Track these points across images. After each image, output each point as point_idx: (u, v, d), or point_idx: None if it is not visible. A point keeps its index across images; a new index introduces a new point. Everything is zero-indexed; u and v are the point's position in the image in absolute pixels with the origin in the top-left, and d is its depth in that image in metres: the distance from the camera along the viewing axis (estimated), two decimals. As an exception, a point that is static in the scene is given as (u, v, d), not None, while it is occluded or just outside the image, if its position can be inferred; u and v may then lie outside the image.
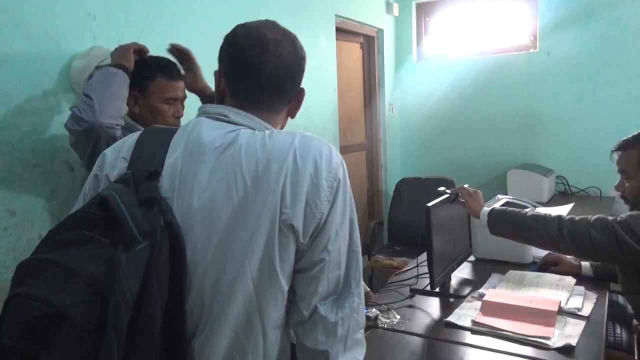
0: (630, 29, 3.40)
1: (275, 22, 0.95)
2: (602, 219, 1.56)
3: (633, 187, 1.64)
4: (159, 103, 1.59)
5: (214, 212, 0.82)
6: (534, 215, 1.66)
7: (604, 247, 1.51)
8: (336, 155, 0.88)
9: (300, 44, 0.95)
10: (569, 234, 1.56)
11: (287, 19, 2.90)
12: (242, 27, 0.92)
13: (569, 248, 1.58)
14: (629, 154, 1.64)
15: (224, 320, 0.82)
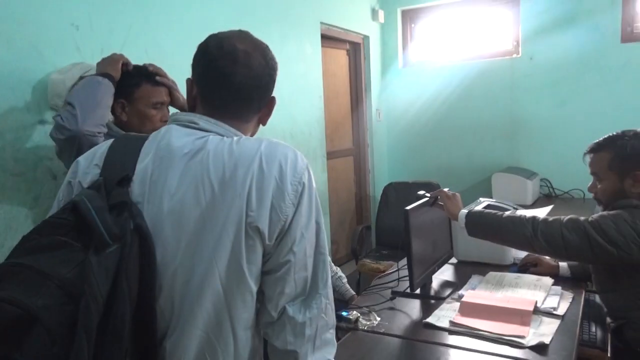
0: (609, 34, 3.48)
1: (247, 33, 0.98)
2: (574, 220, 1.59)
3: (604, 189, 1.67)
4: (146, 108, 1.63)
5: (182, 216, 0.85)
6: (509, 216, 1.70)
7: (576, 247, 1.54)
8: (301, 160, 0.91)
9: (271, 54, 0.98)
10: (543, 235, 1.59)
11: (272, 26, 2.96)
12: (215, 38, 0.95)
13: (543, 248, 1.61)
14: (600, 157, 1.67)
15: (194, 321, 0.85)
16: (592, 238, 1.52)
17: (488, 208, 2.38)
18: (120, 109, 1.63)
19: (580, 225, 1.55)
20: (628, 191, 1.60)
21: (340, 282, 2.38)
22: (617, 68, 3.47)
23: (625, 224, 1.50)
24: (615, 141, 1.63)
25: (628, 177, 1.60)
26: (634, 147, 1.59)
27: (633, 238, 1.48)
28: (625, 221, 1.50)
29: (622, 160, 1.60)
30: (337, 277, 2.38)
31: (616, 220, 1.52)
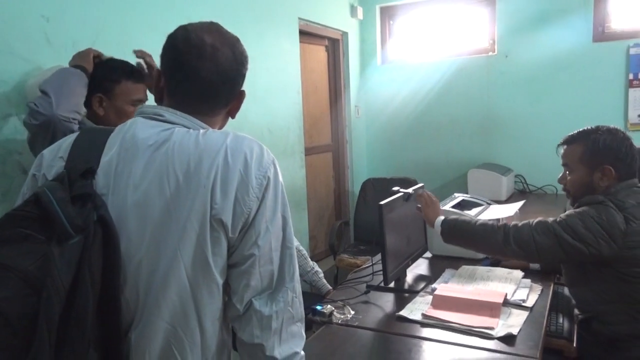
0: (581, 34, 3.55)
1: (217, 25, 0.97)
2: (543, 223, 1.61)
3: (574, 181, 1.70)
4: (125, 105, 1.62)
5: (147, 207, 0.85)
6: (482, 224, 1.72)
7: (547, 249, 1.57)
8: (267, 155, 0.91)
9: (241, 48, 0.97)
10: (515, 241, 1.61)
11: (250, 21, 2.94)
12: (182, 30, 0.94)
13: (515, 253, 1.64)
14: (572, 149, 1.70)
15: (159, 312, 0.85)
16: (562, 238, 1.54)
17: (462, 203, 2.43)
18: (97, 104, 1.61)
19: (550, 227, 1.58)
20: (596, 184, 1.63)
21: (317, 277, 2.40)
22: (589, 67, 3.55)
23: (592, 220, 1.53)
24: (589, 135, 1.66)
25: (597, 170, 1.63)
26: (605, 142, 1.62)
27: (600, 234, 1.50)
28: (591, 218, 1.53)
29: (593, 153, 1.63)
30: (314, 272, 2.40)
31: (583, 218, 1.54)
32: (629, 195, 1.58)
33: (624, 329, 1.53)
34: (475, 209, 2.34)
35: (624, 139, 1.64)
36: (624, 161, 1.62)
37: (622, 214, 1.52)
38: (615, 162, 1.61)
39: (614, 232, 1.50)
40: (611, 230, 1.50)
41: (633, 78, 3.44)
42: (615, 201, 1.56)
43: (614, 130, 1.66)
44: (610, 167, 1.61)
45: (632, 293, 1.52)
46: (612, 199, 1.57)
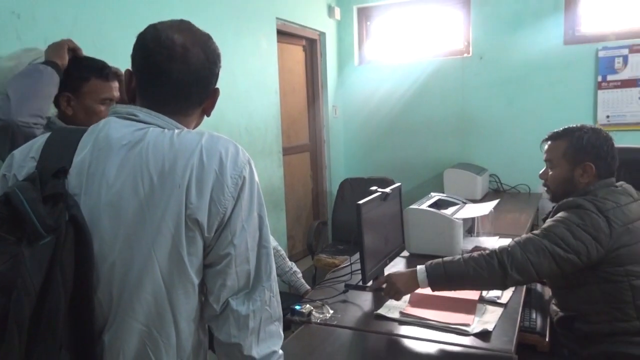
0: (553, 37, 3.65)
1: (188, 23, 0.95)
2: (532, 241, 1.53)
3: (555, 176, 1.72)
4: (94, 104, 1.57)
5: (120, 207, 0.84)
6: (471, 260, 1.54)
7: (545, 268, 1.51)
8: (243, 154, 0.91)
9: (212, 47, 0.95)
10: (515, 270, 1.49)
11: (227, 21, 2.92)
12: (152, 29, 0.92)
13: (515, 281, 1.53)
14: (556, 144, 1.72)
15: (134, 313, 0.84)
16: (555, 253, 1.49)
17: (439, 202, 2.46)
18: (65, 103, 1.55)
19: (540, 245, 1.51)
20: (576, 180, 1.66)
21: (296, 277, 2.40)
22: (560, 69, 3.65)
23: (579, 229, 1.50)
24: (573, 132, 1.69)
25: (579, 167, 1.66)
26: (589, 140, 1.65)
27: (589, 241, 1.50)
28: (577, 226, 1.51)
29: (576, 150, 1.66)
30: (292, 272, 2.40)
31: (569, 227, 1.52)
32: (608, 194, 1.60)
33: (605, 327, 1.55)
34: (451, 208, 2.37)
35: (606, 138, 1.68)
36: (605, 160, 1.65)
37: (604, 216, 1.53)
38: (596, 160, 1.64)
39: (600, 237, 1.51)
40: (598, 236, 1.51)
41: (602, 80, 3.54)
42: (596, 202, 1.56)
43: (598, 129, 1.70)
44: (592, 165, 1.64)
45: (614, 293, 1.54)
46: (593, 199, 1.57)
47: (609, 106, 3.54)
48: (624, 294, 1.53)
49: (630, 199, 1.62)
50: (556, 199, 1.74)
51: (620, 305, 1.54)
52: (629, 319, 1.54)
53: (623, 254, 1.52)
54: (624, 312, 1.54)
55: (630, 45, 3.45)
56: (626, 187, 1.67)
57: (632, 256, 1.53)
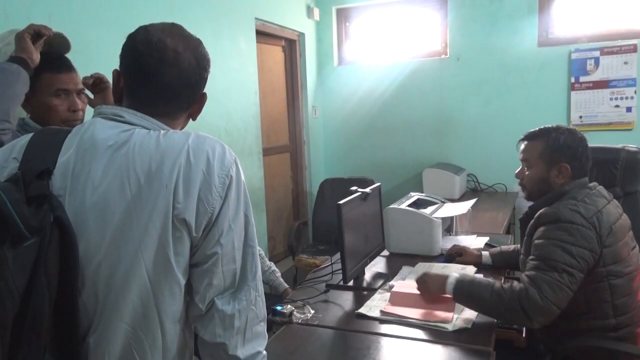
0: (527, 39, 3.73)
1: (179, 28, 0.95)
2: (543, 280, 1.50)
3: (531, 176, 1.73)
4: (47, 98, 1.47)
5: (107, 209, 0.83)
6: (495, 294, 1.53)
7: (564, 300, 1.49)
8: (229, 154, 0.91)
9: (203, 52, 0.96)
10: (537, 315, 1.49)
11: (205, 20, 2.90)
12: (144, 31, 0.92)
13: (543, 323, 1.52)
14: (533, 145, 1.73)
15: (119, 314, 0.84)
16: (568, 282, 1.50)
17: (418, 202, 2.49)
18: (25, 102, 1.46)
19: (554, 281, 1.49)
20: (552, 181, 1.68)
21: (274, 276, 2.40)
22: (535, 70, 3.73)
23: (574, 247, 1.51)
24: (550, 132, 1.71)
25: (555, 167, 1.67)
26: (566, 141, 1.67)
27: (588, 255, 1.51)
28: (572, 245, 1.51)
29: (553, 151, 1.68)
30: (270, 271, 2.40)
31: (566, 249, 1.51)
32: (586, 197, 1.61)
33: (582, 324, 1.59)
34: (430, 207, 2.40)
35: (582, 139, 1.70)
36: (580, 161, 1.68)
37: (590, 224, 1.53)
38: (572, 161, 1.66)
39: (594, 247, 1.52)
40: (592, 247, 1.52)
41: (574, 81, 3.63)
42: (579, 210, 1.55)
43: (573, 130, 1.72)
44: (567, 165, 1.66)
45: (594, 292, 1.56)
46: (574, 206, 1.56)
47: (581, 107, 3.64)
48: (604, 293, 1.56)
49: (605, 200, 1.65)
50: (532, 198, 1.76)
51: (600, 304, 1.57)
52: (606, 317, 1.57)
53: (606, 255, 1.55)
54: (602, 310, 1.57)
55: (602, 48, 3.54)
56: (600, 189, 1.70)
57: (613, 256, 1.56)
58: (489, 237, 2.45)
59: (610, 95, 3.55)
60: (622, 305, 1.57)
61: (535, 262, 1.55)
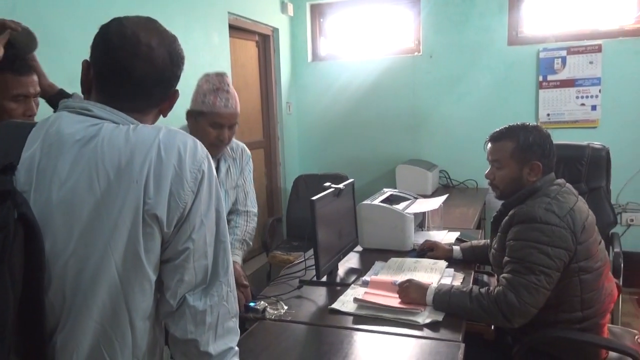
0: (498, 37, 3.80)
1: (155, 23, 0.94)
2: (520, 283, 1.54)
3: (504, 176, 1.74)
4: (4, 101, 1.41)
5: (74, 205, 0.82)
6: (475, 300, 1.58)
7: (541, 301, 1.55)
8: (201, 149, 0.90)
9: (178, 49, 0.94)
10: (516, 317, 1.54)
11: (177, 14, 2.86)
12: (118, 24, 0.90)
13: (521, 323, 1.57)
14: (502, 145, 1.73)
15: (88, 312, 0.82)
16: (545, 282, 1.54)
17: (391, 198, 2.51)
18: None
19: (531, 284, 1.53)
20: (525, 179, 1.70)
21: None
22: (505, 68, 3.81)
23: (550, 247, 1.54)
24: (518, 132, 1.72)
25: (527, 166, 1.70)
26: (535, 139, 1.70)
27: (563, 254, 1.55)
28: (548, 245, 1.54)
29: (523, 150, 1.69)
30: None
31: (542, 250, 1.54)
32: (559, 194, 1.64)
33: (551, 317, 1.63)
34: (402, 203, 2.43)
35: (548, 136, 1.73)
36: (548, 157, 1.71)
37: (564, 223, 1.56)
38: (542, 158, 1.69)
39: (569, 246, 1.55)
40: (567, 245, 1.55)
41: (542, 80, 3.72)
42: (553, 209, 1.58)
43: (539, 127, 1.75)
44: (539, 163, 1.68)
45: (565, 287, 1.60)
46: (548, 205, 1.59)
47: (549, 105, 3.73)
48: (574, 288, 1.60)
49: (575, 198, 1.68)
50: (504, 197, 1.77)
51: (569, 298, 1.61)
52: (574, 310, 1.62)
53: (580, 252, 1.58)
54: (571, 304, 1.61)
55: (568, 47, 3.64)
56: (569, 186, 1.73)
57: (585, 253, 1.60)
58: (460, 232, 2.49)
59: (577, 93, 3.66)
60: (589, 299, 1.62)
61: (512, 264, 1.58)
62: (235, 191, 1.98)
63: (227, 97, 1.79)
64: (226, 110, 1.77)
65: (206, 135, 1.75)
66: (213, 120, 1.76)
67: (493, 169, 1.78)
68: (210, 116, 1.76)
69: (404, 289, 1.68)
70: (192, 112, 1.79)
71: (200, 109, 1.77)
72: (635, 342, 1.84)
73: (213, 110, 1.75)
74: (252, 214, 2.05)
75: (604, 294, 1.67)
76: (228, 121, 1.78)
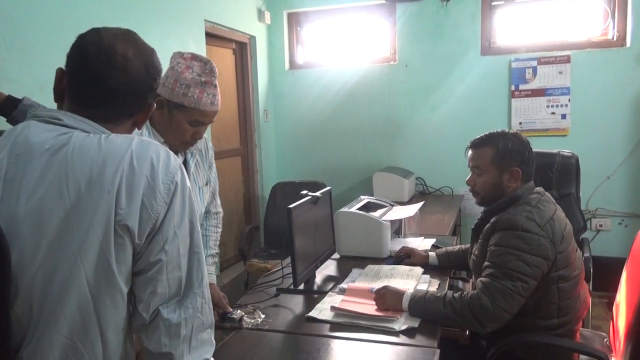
0: (471, 47, 3.88)
1: (133, 35, 0.93)
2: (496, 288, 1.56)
3: (484, 182, 1.77)
4: None
5: (43, 216, 0.80)
6: (449, 305, 1.59)
7: (515, 307, 1.57)
8: (174, 160, 0.90)
9: (154, 62, 0.94)
10: (489, 321, 1.57)
11: (153, 22, 2.84)
12: (95, 34, 0.90)
13: (494, 327, 1.59)
14: (482, 151, 1.77)
15: (56, 326, 0.80)
16: (521, 289, 1.55)
17: (368, 205, 2.53)
18: None
19: (506, 289, 1.55)
20: (505, 185, 1.74)
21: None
22: (478, 78, 3.89)
23: (529, 255, 1.56)
24: (498, 139, 1.76)
25: (506, 172, 1.73)
26: (514, 145, 1.74)
27: (542, 263, 1.58)
28: (527, 253, 1.56)
29: (503, 156, 1.73)
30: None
31: (521, 257, 1.56)
32: (539, 203, 1.67)
33: (528, 323, 1.66)
34: (379, 210, 2.45)
35: (527, 142, 1.78)
36: (528, 163, 1.75)
37: (544, 232, 1.59)
38: (521, 164, 1.73)
39: (548, 255, 1.58)
40: (546, 254, 1.58)
41: (514, 89, 3.82)
42: (534, 217, 1.60)
43: (518, 134, 1.79)
44: (518, 169, 1.72)
45: (544, 295, 1.63)
46: (529, 214, 1.61)
47: (521, 113, 3.82)
48: (552, 296, 1.63)
49: (554, 207, 1.72)
50: (485, 203, 1.80)
51: (547, 305, 1.64)
52: (550, 317, 1.65)
53: (559, 260, 1.61)
54: (548, 311, 1.65)
55: (539, 58, 3.74)
56: (548, 195, 1.77)
57: (565, 261, 1.63)
58: (436, 239, 2.53)
59: (547, 102, 3.76)
60: (566, 306, 1.65)
61: (491, 269, 1.61)
62: (208, 188, 1.82)
63: (215, 93, 1.53)
64: (212, 108, 1.52)
65: (181, 132, 1.51)
66: (194, 118, 1.50)
67: (474, 175, 1.81)
68: (192, 113, 1.49)
69: (380, 296, 1.69)
70: (167, 103, 1.49)
71: (180, 102, 1.47)
72: (605, 345, 1.89)
73: (198, 107, 1.48)
74: (220, 216, 1.96)
75: (579, 302, 1.71)
76: (210, 120, 1.55)
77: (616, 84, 3.59)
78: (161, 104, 1.49)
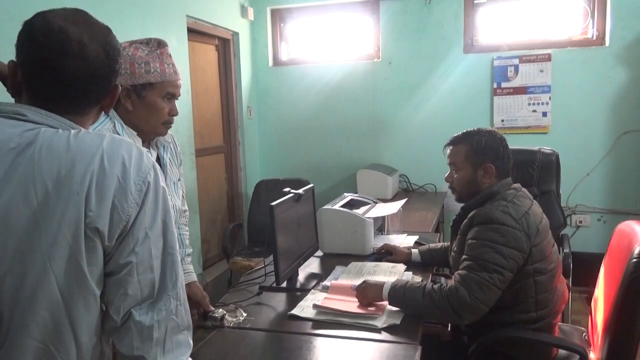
0: (454, 45, 3.90)
1: (85, 14, 0.87)
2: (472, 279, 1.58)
3: (460, 178, 1.82)
4: None
5: (9, 218, 0.77)
6: (427, 296, 1.60)
7: (492, 298, 1.58)
8: (147, 159, 0.87)
9: (112, 42, 0.88)
10: (466, 312, 1.57)
11: (133, 16, 2.79)
12: (42, 19, 0.83)
13: (471, 319, 1.61)
14: (458, 149, 1.82)
15: (27, 331, 0.78)
16: (497, 281, 1.57)
17: (351, 202, 2.53)
18: None
19: (483, 280, 1.57)
20: (479, 181, 1.77)
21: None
22: (461, 76, 3.91)
23: (505, 247, 1.59)
24: (472, 136, 1.80)
25: (480, 168, 1.77)
26: (487, 142, 1.77)
27: (517, 255, 1.60)
28: (503, 245, 1.59)
29: (477, 153, 1.77)
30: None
31: (497, 249, 1.59)
32: (515, 198, 1.70)
33: (507, 318, 1.68)
34: (362, 208, 2.45)
35: (501, 139, 1.81)
36: (502, 160, 1.78)
37: (519, 225, 1.61)
38: (495, 161, 1.76)
39: (523, 247, 1.61)
40: (521, 247, 1.60)
41: (497, 87, 3.85)
42: (509, 211, 1.63)
43: (493, 132, 1.82)
44: (491, 165, 1.75)
45: (521, 289, 1.65)
46: (505, 208, 1.64)
47: (503, 111, 3.86)
48: (529, 290, 1.66)
49: (530, 202, 1.75)
50: (462, 199, 1.84)
51: (525, 299, 1.67)
52: (528, 311, 1.67)
53: (534, 253, 1.64)
54: (526, 305, 1.67)
55: (520, 56, 3.78)
56: (524, 191, 1.80)
57: (540, 254, 1.66)
58: (419, 236, 2.54)
59: (529, 100, 3.80)
60: (543, 300, 1.68)
61: (468, 262, 1.63)
62: (181, 183, 1.77)
63: (173, 63, 1.52)
64: (176, 77, 1.51)
65: (158, 111, 1.48)
66: (166, 90, 1.48)
67: (451, 172, 1.86)
68: (162, 86, 1.47)
69: (361, 291, 1.70)
70: (133, 89, 1.45)
71: (146, 80, 1.45)
72: (583, 339, 1.92)
73: (164, 79, 1.47)
74: (187, 214, 1.95)
75: (556, 295, 1.74)
76: (178, 90, 1.53)
77: (596, 83, 3.65)
78: (127, 94, 1.46)
